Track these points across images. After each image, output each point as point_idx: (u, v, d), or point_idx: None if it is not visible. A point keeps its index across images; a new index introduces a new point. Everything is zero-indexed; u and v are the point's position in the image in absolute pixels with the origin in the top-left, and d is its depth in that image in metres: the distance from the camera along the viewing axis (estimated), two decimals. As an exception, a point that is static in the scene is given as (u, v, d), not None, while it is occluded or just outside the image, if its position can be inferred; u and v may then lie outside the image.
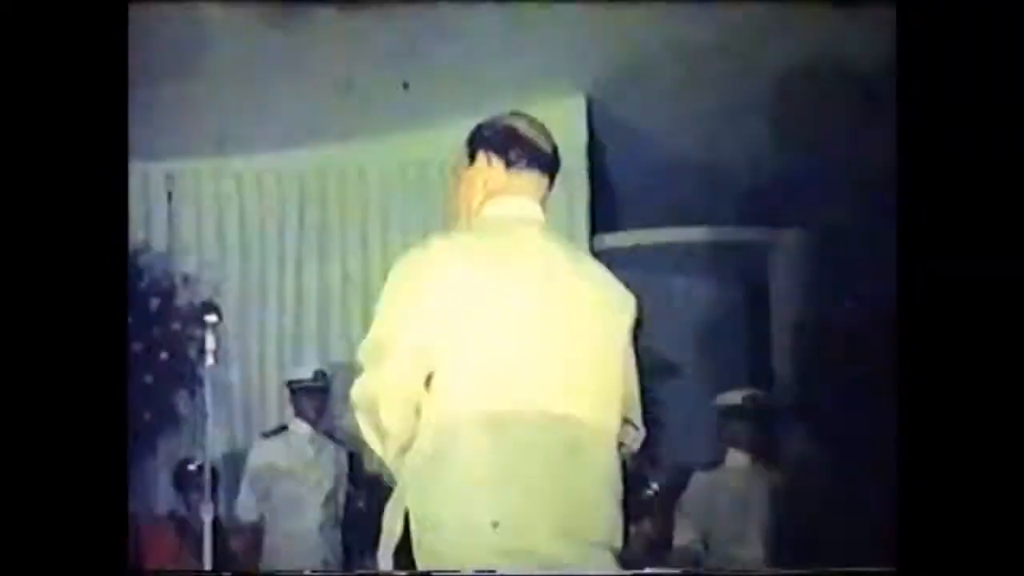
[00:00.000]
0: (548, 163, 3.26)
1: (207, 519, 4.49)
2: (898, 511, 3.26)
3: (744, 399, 6.14)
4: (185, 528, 7.21)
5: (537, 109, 8.23)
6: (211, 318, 4.56)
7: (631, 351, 3.21)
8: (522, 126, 3.29)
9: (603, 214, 8.44)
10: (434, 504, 2.94)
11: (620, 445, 3.12)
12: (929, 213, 3.27)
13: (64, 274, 3.24)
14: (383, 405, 2.99)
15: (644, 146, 8.29)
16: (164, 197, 8.62)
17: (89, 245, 3.26)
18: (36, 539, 3.14)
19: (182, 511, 7.35)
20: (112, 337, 3.28)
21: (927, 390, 3.25)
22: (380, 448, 3.04)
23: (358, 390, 3.05)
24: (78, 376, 3.21)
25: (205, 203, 8.70)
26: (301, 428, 7.11)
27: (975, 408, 3.22)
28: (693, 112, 7.81)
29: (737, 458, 6.03)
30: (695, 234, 8.89)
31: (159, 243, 8.48)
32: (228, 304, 8.07)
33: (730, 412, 6.11)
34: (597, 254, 8.15)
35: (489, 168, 3.23)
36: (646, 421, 3.28)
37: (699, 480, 6.12)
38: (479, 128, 3.30)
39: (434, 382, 2.96)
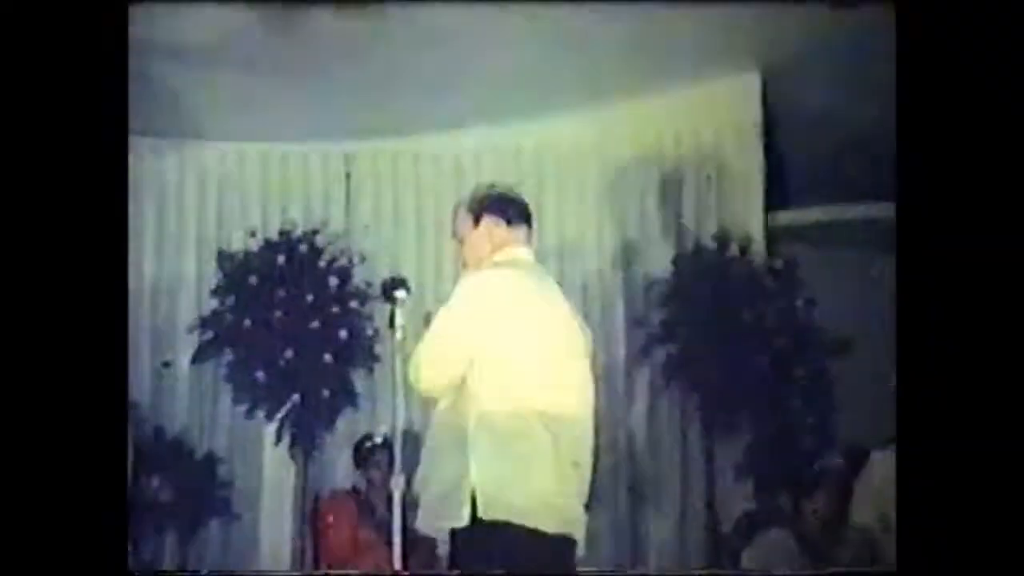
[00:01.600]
0: (529, 216, 4.41)
1: (396, 494, 4.54)
2: (898, 509, 3.37)
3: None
4: (366, 503, 7.36)
5: (713, 86, 8.17)
6: (400, 293, 4.63)
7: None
8: (507, 191, 4.45)
9: (777, 192, 8.38)
10: (494, 475, 4.07)
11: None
12: (930, 209, 3.33)
13: (64, 269, 3.33)
14: (424, 363, 4.29)
15: (818, 123, 8.20)
16: (343, 177, 8.76)
17: (89, 245, 3.37)
18: (37, 540, 3.24)
19: (362, 486, 7.50)
20: (112, 331, 3.38)
21: (928, 390, 3.28)
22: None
23: (413, 362, 4.35)
24: (78, 377, 3.30)
25: (383, 182, 8.82)
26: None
27: (975, 408, 3.25)
28: (867, 89, 7.71)
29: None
30: (868, 211, 8.75)
31: (337, 223, 8.63)
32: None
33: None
34: (771, 231, 8.11)
35: (495, 227, 4.33)
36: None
37: (878, 459, 6.05)
38: (476, 198, 4.41)
39: (477, 373, 4.13)
